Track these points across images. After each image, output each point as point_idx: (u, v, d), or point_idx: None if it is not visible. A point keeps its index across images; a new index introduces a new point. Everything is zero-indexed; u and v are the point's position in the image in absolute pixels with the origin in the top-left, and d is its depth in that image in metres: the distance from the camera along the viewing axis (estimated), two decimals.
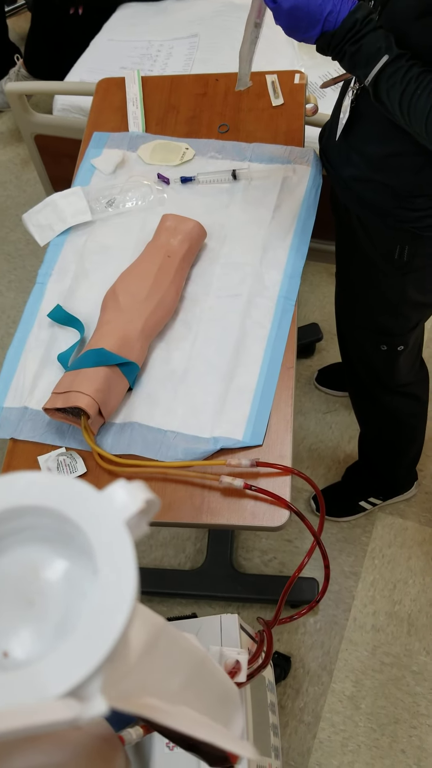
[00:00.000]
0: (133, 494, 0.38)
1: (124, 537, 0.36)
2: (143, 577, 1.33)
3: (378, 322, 1.27)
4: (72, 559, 0.37)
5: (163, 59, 2.01)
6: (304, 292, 2.24)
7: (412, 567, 1.72)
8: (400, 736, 1.51)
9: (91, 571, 0.35)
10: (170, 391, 1.05)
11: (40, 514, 0.37)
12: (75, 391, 0.96)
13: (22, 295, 2.30)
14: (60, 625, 0.35)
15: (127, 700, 0.35)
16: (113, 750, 0.40)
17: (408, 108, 0.89)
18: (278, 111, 1.39)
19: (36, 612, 0.36)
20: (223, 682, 0.55)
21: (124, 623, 0.33)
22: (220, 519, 0.94)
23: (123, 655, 0.35)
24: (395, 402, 1.45)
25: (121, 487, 0.38)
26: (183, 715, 0.41)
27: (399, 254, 1.12)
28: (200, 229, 1.17)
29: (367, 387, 1.46)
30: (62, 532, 0.37)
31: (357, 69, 0.93)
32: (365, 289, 1.26)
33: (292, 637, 1.64)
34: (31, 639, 0.35)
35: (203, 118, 1.40)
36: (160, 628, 0.42)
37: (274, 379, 1.04)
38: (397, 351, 1.30)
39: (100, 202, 1.28)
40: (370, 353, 1.34)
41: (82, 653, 0.32)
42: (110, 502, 0.38)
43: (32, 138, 1.91)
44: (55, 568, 0.37)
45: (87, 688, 0.32)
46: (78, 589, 0.36)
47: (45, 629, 0.35)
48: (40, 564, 0.37)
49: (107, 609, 0.33)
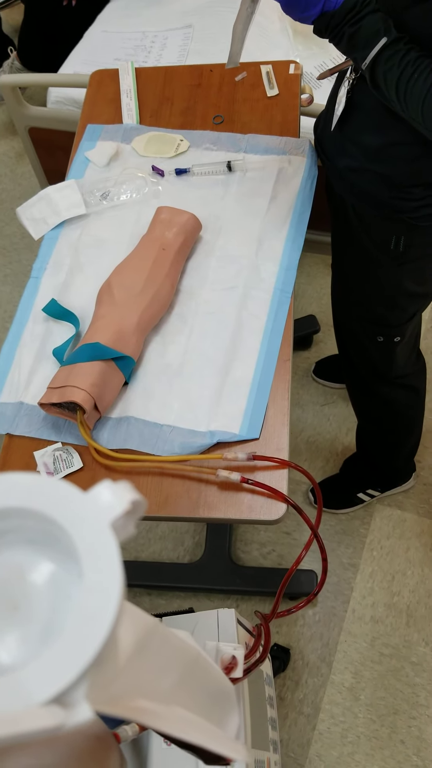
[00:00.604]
0: (119, 495, 0.37)
1: (109, 539, 0.36)
2: (142, 570, 1.33)
3: (374, 314, 1.27)
4: (58, 561, 0.37)
5: (157, 50, 2.00)
6: (301, 284, 2.23)
7: (410, 558, 1.72)
8: (399, 727, 1.51)
9: (76, 573, 0.35)
10: (166, 385, 1.04)
11: (24, 516, 0.36)
12: (70, 385, 0.95)
13: (17, 289, 2.29)
14: (45, 629, 0.35)
15: (116, 704, 0.35)
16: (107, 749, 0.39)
17: (405, 93, 0.89)
18: (273, 101, 1.38)
19: (21, 616, 0.35)
20: (218, 680, 0.55)
21: (108, 628, 0.32)
22: (217, 513, 0.94)
23: (110, 658, 0.34)
24: (393, 393, 1.45)
25: (106, 488, 0.38)
26: (175, 716, 0.40)
27: (395, 245, 1.12)
28: (195, 221, 1.16)
29: (364, 379, 1.46)
30: (48, 533, 0.36)
31: (355, 51, 0.92)
32: (361, 281, 1.26)
33: (291, 629, 1.64)
34: (16, 643, 0.34)
35: (198, 109, 1.39)
36: (150, 628, 0.41)
37: (271, 372, 1.04)
38: (394, 342, 1.29)
39: (95, 195, 1.27)
40: (367, 345, 1.33)
41: (66, 659, 0.31)
42: (95, 504, 0.37)
43: (26, 131, 1.90)
44: (40, 570, 0.37)
45: (72, 694, 0.31)
46: (64, 591, 0.36)
47: (30, 633, 0.35)
48: (25, 566, 0.37)
49: (92, 613, 0.33)
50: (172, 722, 0.39)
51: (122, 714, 0.35)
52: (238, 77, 1.41)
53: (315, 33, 0.96)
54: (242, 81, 1.41)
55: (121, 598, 0.34)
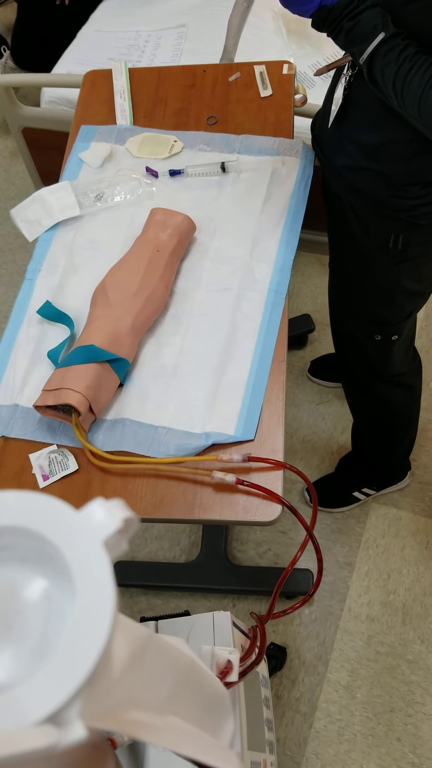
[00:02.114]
0: (112, 513, 0.37)
1: (101, 557, 0.36)
2: (139, 570, 1.33)
3: (372, 312, 1.27)
4: (51, 578, 0.37)
5: (150, 50, 1.99)
6: (296, 283, 2.23)
7: (406, 557, 1.72)
8: (395, 725, 1.52)
9: (70, 591, 0.35)
10: (161, 386, 1.05)
11: (17, 534, 0.36)
12: (65, 388, 0.95)
13: (12, 289, 2.29)
14: (39, 647, 0.35)
15: (111, 718, 0.35)
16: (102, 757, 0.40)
17: (402, 88, 0.89)
18: (267, 102, 1.38)
19: (14, 633, 0.35)
20: (213, 686, 0.55)
21: (102, 646, 0.33)
22: (212, 514, 0.94)
23: (105, 673, 0.34)
24: (389, 392, 1.45)
25: (99, 505, 0.38)
26: (169, 728, 0.40)
27: (393, 243, 1.12)
28: (189, 222, 1.16)
29: (360, 377, 1.46)
30: (41, 551, 0.36)
31: (353, 46, 0.92)
32: (359, 279, 1.26)
33: (287, 628, 1.64)
34: (9, 661, 0.34)
35: (191, 110, 1.39)
36: (144, 640, 0.42)
37: (266, 373, 1.04)
38: (391, 341, 1.30)
39: (89, 196, 1.27)
40: (364, 343, 1.34)
41: (60, 678, 0.31)
42: (88, 522, 0.37)
43: (20, 131, 1.89)
44: (33, 588, 0.37)
45: (66, 713, 0.31)
46: (57, 609, 0.36)
47: (23, 651, 0.35)
48: (18, 584, 0.37)
49: (85, 631, 0.33)
50: (165, 735, 0.39)
51: (116, 728, 0.35)
52: (231, 77, 1.41)
53: (313, 27, 0.96)
54: (236, 81, 1.41)
55: (114, 616, 0.34)
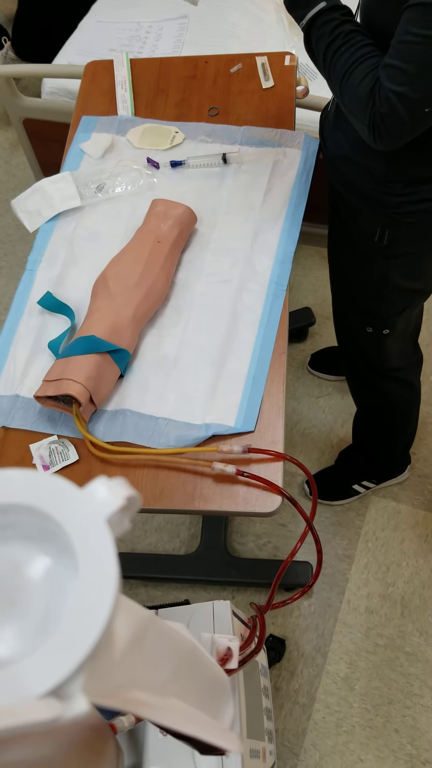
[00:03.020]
0: (114, 491, 0.38)
1: (104, 535, 0.36)
2: (139, 561, 1.33)
3: (363, 305, 1.28)
4: (54, 556, 0.37)
5: (152, 41, 1.99)
6: (297, 276, 2.23)
7: (405, 549, 1.73)
8: (393, 716, 1.52)
9: (73, 568, 0.35)
10: (162, 378, 1.05)
11: (21, 512, 0.36)
12: (66, 378, 0.95)
13: (13, 281, 2.29)
14: (42, 623, 0.35)
15: (113, 696, 0.35)
16: (103, 740, 0.40)
17: (330, 63, 0.91)
18: (268, 93, 1.37)
19: (18, 610, 0.35)
20: (213, 671, 0.55)
21: (104, 622, 0.33)
22: (212, 505, 0.94)
23: (107, 651, 0.35)
24: (387, 386, 1.45)
25: (102, 484, 0.38)
26: (171, 708, 0.41)
27: (379, 237, 1.12)
28: (190, 213, 1.16)
29: (358, 370, 1.47)
30: (44, 529, 0.37)
31: (296, 9, 0.95)
32: (351, 271, 1.26)
33: (286, 620, 1.65)
34: (13, 637, 0.35)
35: (193, 101, 1.39)
36: (146, 621, 0.42)
37: (266, 365, 1.04)
38: (383, 334, 1.30)
39: (90, 187, 1.26)
40: (358, 335, 1.34)
41: (62, 653, 0.32)
42: (91, 500, 0.37)
43: (21, 122, 1.88)
44: (37, 565, 0.37)
45: (68, 687, 0.32)
46: (60, 586, 0.36)
47: (27, 627, 0.35)
48: (22, 562, 0.37)
49: (88, 608, 0.33)
50: (168, 714, 0.39)
51: (118, 706, 0.35)
52: (233, 69, 1.41)
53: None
54: (237, 72, 1.41)
55: (117, 593, 0.34)
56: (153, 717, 0.38)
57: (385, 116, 0.89)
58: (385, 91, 0.87)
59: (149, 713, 0.37)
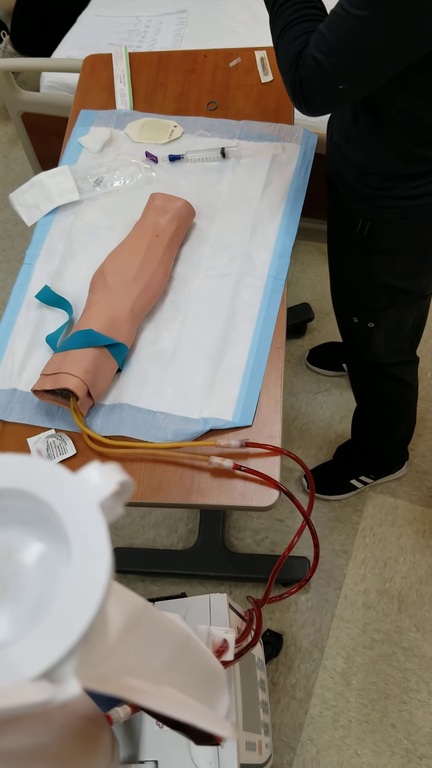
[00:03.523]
0: (108, 476, 0.38)
1: (97, 519, 0.36)
2: (136, 557, 1.33)
3: (350, 294, 1.29)
4: (48, 541, 0.37)
5: (151, 35, 1.98)
6: (296, 272, 2.23)
7: (402, 545, 1.73)
8: (390, 711, 1.53)
9: (66, 553, 0.35)
10: (159, 372, 1.05)
11: (14, 497, 0.37)
12: (64, 372, 0.95)
13: (11, 276, 2.28)
14: (35, 609, 0.35)
15: (106, 682, 0.35)
16: (98, 729, 0.40)
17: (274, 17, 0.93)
18: (267, 88, 1.37)
19: (11, 595, 0.36)
20: (209, 662, 0.55)
21: (97, 606, 0.33)
22: (209, 499, 0.94)
23: (100, 636, 0.35)
24: (379, 380, 1.45)
25: (95, 469, 0.38)
26: (166, 696, 0.41)
27: (361, 228, 1.12)
28: (189, 208, 1.16)
29: (351, 360, 1.47)
30: (37, 514, 0.37)
31: None
32: (338, 259, 1.28)
33: (284, 615, 1.65)
34: (5, 621, 0.35)
35: (192, 95, 1.38)
36: (140, 609, 0.42)
37: (264, 359, 1.04)
38: (368, 327, 1.29)
39: (88, 181, 1.26)
40: (348, 325, 1.35)
41: (55, 636, 0.32)
42: (84, 485, 0.37)
43: (19, 116, 1.88)
44: (30, 551, 0.37)
45: (61, 670, 0.32)
46: (53, 571, 0.36)
47: (19, 612, 0.35)
48: (15, 547, 0.37)
49: (81, 592, 0.33)
50: (162, 700, 0.39)
51: (112, 691, 0.35)
52: (232, 63, 1.40)
53: None
54: (236, 67, 1.40)
55: (110, 576, 0.34)
56: (147, 703, 0.38)
57: (304, 80, 0.90)
58: (308, 56, 0.87)
59: (143, 699, 0.37)
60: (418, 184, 1.03)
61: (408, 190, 1.04)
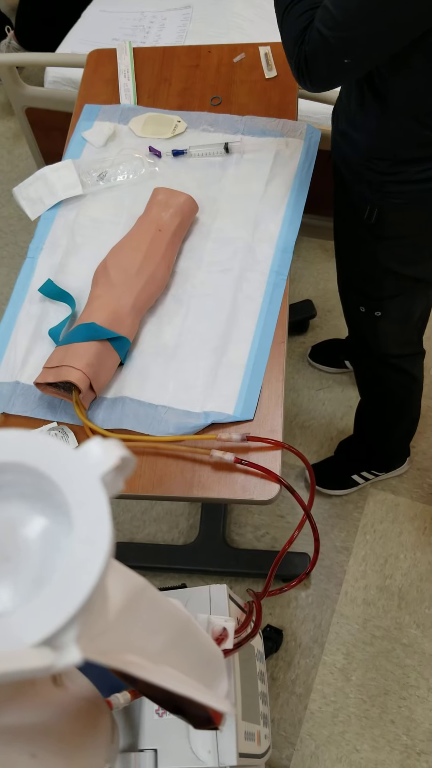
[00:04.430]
0: (109, 451, 0.38)
1: (99, 492, 0.37)
2: (137, 551, 1.33)
3: (356, 282, 1.29)
4: (50, 515, 0.38)
5: (155, 31, 1.98)
6: (298, 268, 2.23)
7: (403, 542, 1.73)
8: (389, 707, 1.53)
9: (67, 526, 0.35)
10: (161, 366, 1.05)
11: (17, 471, 0.37)
12: (66, 365, 0.96)
13: (14, 271, 2.29)
14: (37, 581, 0.35)
15: (107, 655, 0.36)
16: (99, 712, 0.40)
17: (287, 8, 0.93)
18: (271, 83, 1.37)
19: (13, 567, 0.36)
20: (208, 646, 0.56)
21: (98, 575, 0.33)
22: (210, 493, 0.95)
23: (100, 609, 0.35)
24: (383, 372, 1.45)
25: (96, 444, 0.38)
26: (165, 673, 0.41)
27: (368, 215, 1.13)
28: (192, 202, 1.16)
29: (357, 351, 1.47)
30: (39, 488, 0.37)
31: None
32: (346, 247, 1.28)
33: (284, 611, 1.65)
34: (7, 592, 0.35)
35: (195, 90, 1.39)
36: (141, 588, 0.42)
37: (266, 353, 1.04)
38: (375, 316, 1.29)
39: (91, 175, 1.26)
40: (354, 314, 1.35)
41: (56, 604, 0.32)
42: (86, 459, 0.38)
43: (23, 111, 1.88)
44: (32, 524, 0.38)
45: (62, 637, 0.32)
46: (55, 545, 0.37)
47: (22, 584, 0.35)
48: (17, 520, 0.38)
49: (82, 562, 0.34)
50: (161, 674, 0.40)
51: (113, 663, 0.36)
52: (236, 58, 1.41)
53: None
54: (240, 62, 1.40)
55: (111, 548, 0.35)
56: (147, 675, 0.38)
57: (309, 56, 0.90)
58: (314, 31, 0.88)
59: (143, 672, 0.38)
60: (426, 167, 1.03)
61: (416, 174, 1.04)
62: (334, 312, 2.13)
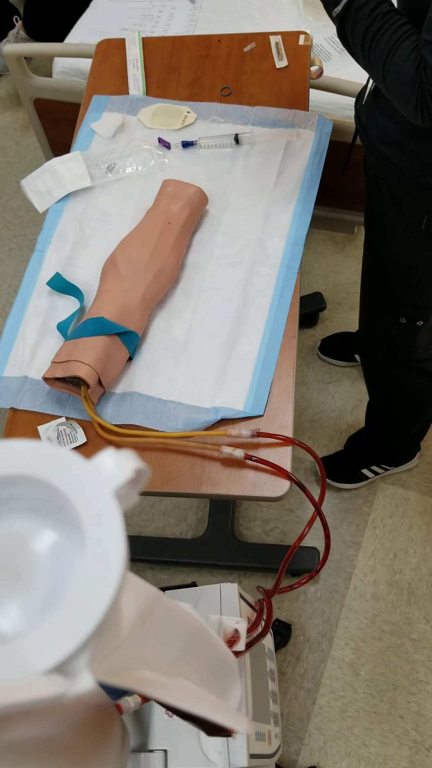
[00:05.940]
0: (123, 463, 0.37)
1: (112, 507, 0.35)
2: (146, 545, 1.33)
3: (400, 294, 1.24)
4: (60, 530, 0.37)
5: (165, 20, 1.96)
6: (308, 261, 2.21)
7: (413, 537, 1.72)
8: (398, 702, 1.53)
9: (79, 542, 0.34)
10: (171, 360, 1.04)
11: (27, 484, 0.36)
12: (74, 360, 0.95)
13: (22, 263, 2.28)
14: (47, 598, 0.34)
15: (119, 674, 0.34)
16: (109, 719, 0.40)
17: (370, 47, 0.89)
18: (282, 73, 1.35)
19: (22, 584, 0.35)
20: (221, 652, 0.55)
21: (111, 597, 0.32)
22: (220, 489, 0.94)
23: (113, 628, 0.34)
24: (407, 377, 1.43)
25: (109, 455, 0.37)
26: (179, 687, 0.40)
27: (426, 224, 1.09)
28: (201, 195, 1.15)
29: (379, 359, 1.44)
30: (50, 502, 0.36)
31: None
32: (390, 259, 1.23)
33: (293, 605, 1.65)
34: (17, 612, 0.34)
35: (205, 80, 1.37)
36: (153, 599, 0.41)
37: (276, 348, 1.03)
38: (416, 326, 1.27)
39: (100, 167, 1.25)
40: (389, 325, 1.32)
41: (68, 628, 0.31)
42: (98, 472, 0.36)
43: (31, 102, 1.87)
44: (43, 539, 0.36)
45: (73, 663, 0.31)
46: (66, 561, 0.35)
47: (31, 602, 0.34)
48: (27, 535, 0.36)
49: (94, 582, 0.32)
50: (176, 693, 0.39)
51: (125, 684, 0.35)
52: (246, 48, 1.39)
53: None
54: (251, 52, 1.38)
55: (125, 567, 0.33)
56: (160, 696, 0.37)
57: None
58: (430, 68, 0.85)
59: (157, 692, 0.37)
60: None
61: None
62: (344, 305, 2.11)
